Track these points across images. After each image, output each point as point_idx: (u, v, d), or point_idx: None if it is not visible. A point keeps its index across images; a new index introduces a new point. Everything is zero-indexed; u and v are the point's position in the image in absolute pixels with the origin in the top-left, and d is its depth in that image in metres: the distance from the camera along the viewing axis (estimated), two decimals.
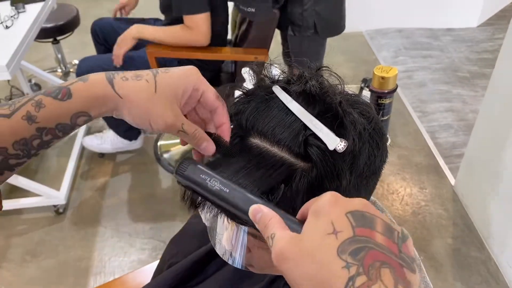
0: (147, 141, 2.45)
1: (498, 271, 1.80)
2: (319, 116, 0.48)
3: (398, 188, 2.18)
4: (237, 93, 0.55)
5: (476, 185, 1.98)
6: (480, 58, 3.16)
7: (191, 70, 0.51)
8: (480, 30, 3.49)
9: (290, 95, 0.50)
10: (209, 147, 0.51)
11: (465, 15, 3.48)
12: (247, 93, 0.53)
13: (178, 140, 0.53)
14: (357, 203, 0.37)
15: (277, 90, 0.51)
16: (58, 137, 0.49)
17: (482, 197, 1.92)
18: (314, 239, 0.35)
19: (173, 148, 2.46)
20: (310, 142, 0.47)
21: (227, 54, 1.84)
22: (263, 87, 0.52)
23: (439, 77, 2.96)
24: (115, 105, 0.48)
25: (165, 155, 2.39)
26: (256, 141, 0.49)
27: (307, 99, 0.50)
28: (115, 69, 1.89)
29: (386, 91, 1.08)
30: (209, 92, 0.51)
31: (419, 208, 2.08)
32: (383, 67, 1.08)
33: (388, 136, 1.33)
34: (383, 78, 1.06)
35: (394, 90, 1.09)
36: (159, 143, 2.45)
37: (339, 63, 3.02)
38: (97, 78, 0.48)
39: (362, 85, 1.30)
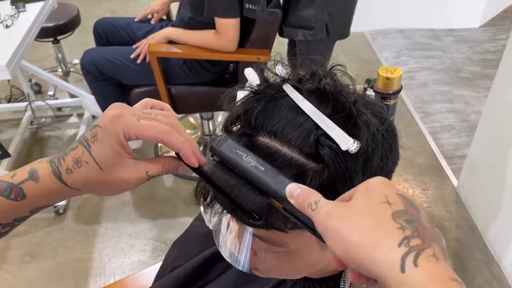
0: (148, 142, 2.43)
1: (502, 274, 1.79)
2: (332, 116, 0.47)
3: None
4: (240, 94, 0.54)
5: (479, 187, 1.97)
6: (482, 58, 3.14)
7: (111, 118, 0.44)
8: (482, 31, 3.47)
9: (301, 94, 0.49)
10: (186, 169, 0.48)
11: (467, 16, 3.47)
12: (256, 92, 0.51)
13: None
14: (405, 191, 0.38)
15: (288, 88, 0.49)
16: (15, 226, 0.49)
17: (485, 199, 1.91)
18: (366, 205, 0.36)
19: None
20: (321, 142, 0.46)
21: (230, 54, 1.83)
22: (273, 85, 0.51)
23: (441, 78, 2.95)
24: (76, 193, 0.47)
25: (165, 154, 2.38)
26: (265, 140, 0.48)
27: (320, 98, 0.48)
28: (125, 64, 1.88)
29: (390, 92, 1.06)
30: (142, 129, 0.45)
31: None
32: (387, 67, 1.06)
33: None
34: (388, 78, 1.04)
35: (399, 91, 1.08)
36: (160, 143, 2.44)
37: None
38: (46, 174, 0.46)
39: (366, 85, 1.29)
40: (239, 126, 0.51)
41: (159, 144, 2.42)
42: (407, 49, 3.27)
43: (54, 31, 2.59)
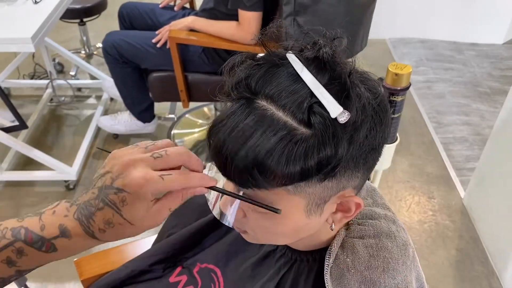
0: (161, 128, 2.48)
1: (500, 287, 1.78)
2: (327, 85, 0.49)
3: (406, 196, 2.16)
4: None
5: (485, 200, 1.96)
6: (503, 75, 3.12)
7: (138, 185, 0.48)
8: (505, 48, 3.44)
9: (302, 62, 0.51)
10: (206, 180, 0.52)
11: (492, 31, 3.44)
12: (259, 59, 0.54)
13: (191, 130, 0.54)
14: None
15: (291, 57, 0.52)
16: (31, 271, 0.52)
17: (490, 212, 1.90)
18: None
19: (187, 137, 2.49)
20: (314, 109, 0.48)
21: (248, 46, 1.86)
22: (275, 53, 0.53)
23: (459, 90, 2.94)
24: (106, 242, 0.52)
25: (178, 144, 2.42)
26: (263, 103, 0.50)
27: (319, 67, 0.51)
28: (145, 49, 1.93)
29: (399, 88, 1.08)
30: (169, 187, 0.50)
31: (426, 217, 2.06)
32: (397, 64, 1.08)
33: (397, 135, 1.33)
34: (396, 74, 1.06)
35: (407, 88, 1.09)
36: (173, 131, 2.48)
37: (359, 67, 3.02)
38: (78, 233, 0.49)
39: None
40: (240, 90, 0.54)
41: (172, 132, 2.46)
42: (427, 59, 3.26)
43: (80, 13, 2.66)
